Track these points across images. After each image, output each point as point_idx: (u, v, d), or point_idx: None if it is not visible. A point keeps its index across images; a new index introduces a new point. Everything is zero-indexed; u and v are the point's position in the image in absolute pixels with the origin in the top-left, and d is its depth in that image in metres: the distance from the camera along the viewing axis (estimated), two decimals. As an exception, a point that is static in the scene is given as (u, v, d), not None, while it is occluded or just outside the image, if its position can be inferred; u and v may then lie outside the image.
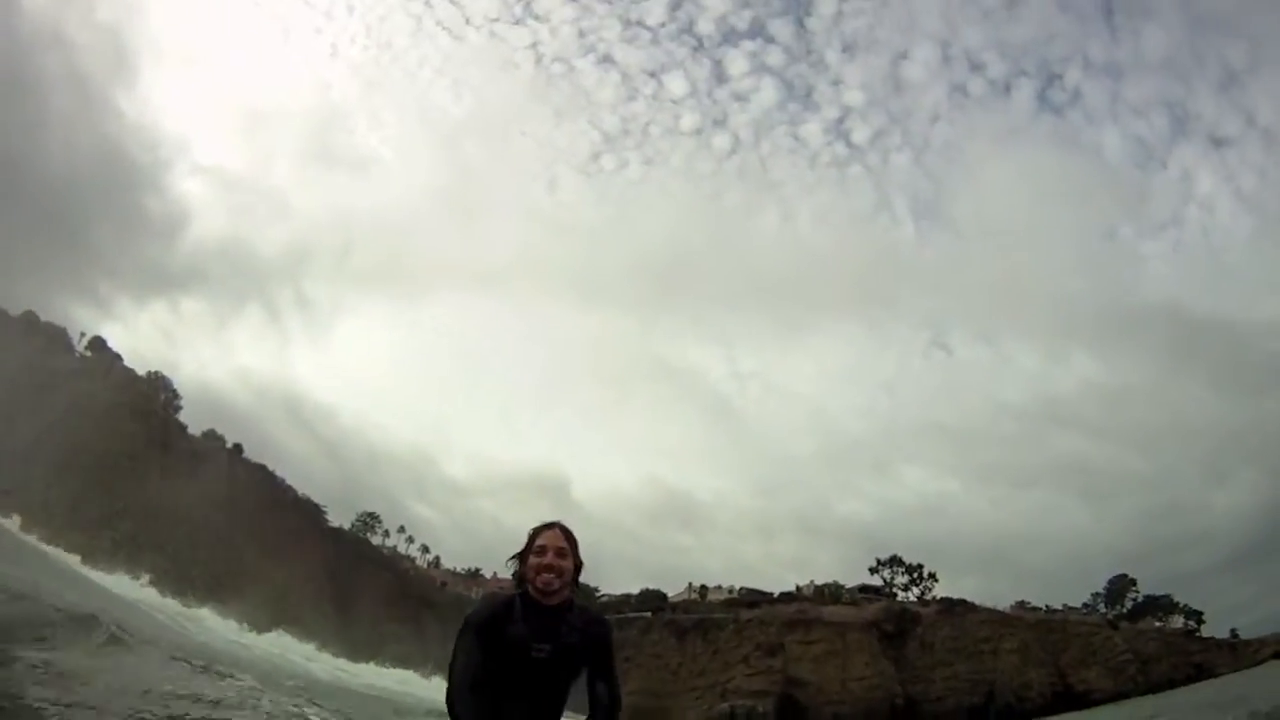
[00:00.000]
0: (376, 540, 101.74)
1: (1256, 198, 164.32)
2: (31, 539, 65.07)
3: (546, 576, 4.71)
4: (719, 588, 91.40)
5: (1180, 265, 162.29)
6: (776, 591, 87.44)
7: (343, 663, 70.80)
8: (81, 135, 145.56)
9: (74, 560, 64.80)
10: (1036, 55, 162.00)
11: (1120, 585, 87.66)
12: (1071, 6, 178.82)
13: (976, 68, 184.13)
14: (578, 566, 4.90)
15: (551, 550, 4.78)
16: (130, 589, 61.85)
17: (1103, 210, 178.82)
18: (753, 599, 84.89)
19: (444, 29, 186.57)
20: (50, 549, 64.42)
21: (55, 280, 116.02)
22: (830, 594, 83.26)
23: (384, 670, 74.92)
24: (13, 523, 66.98)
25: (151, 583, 69.80)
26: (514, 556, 4.92)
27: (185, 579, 74.29)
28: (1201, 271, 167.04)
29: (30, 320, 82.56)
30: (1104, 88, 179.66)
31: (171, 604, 65.29)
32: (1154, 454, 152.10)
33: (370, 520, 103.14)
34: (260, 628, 72.29)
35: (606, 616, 5.15)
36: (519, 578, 4.86)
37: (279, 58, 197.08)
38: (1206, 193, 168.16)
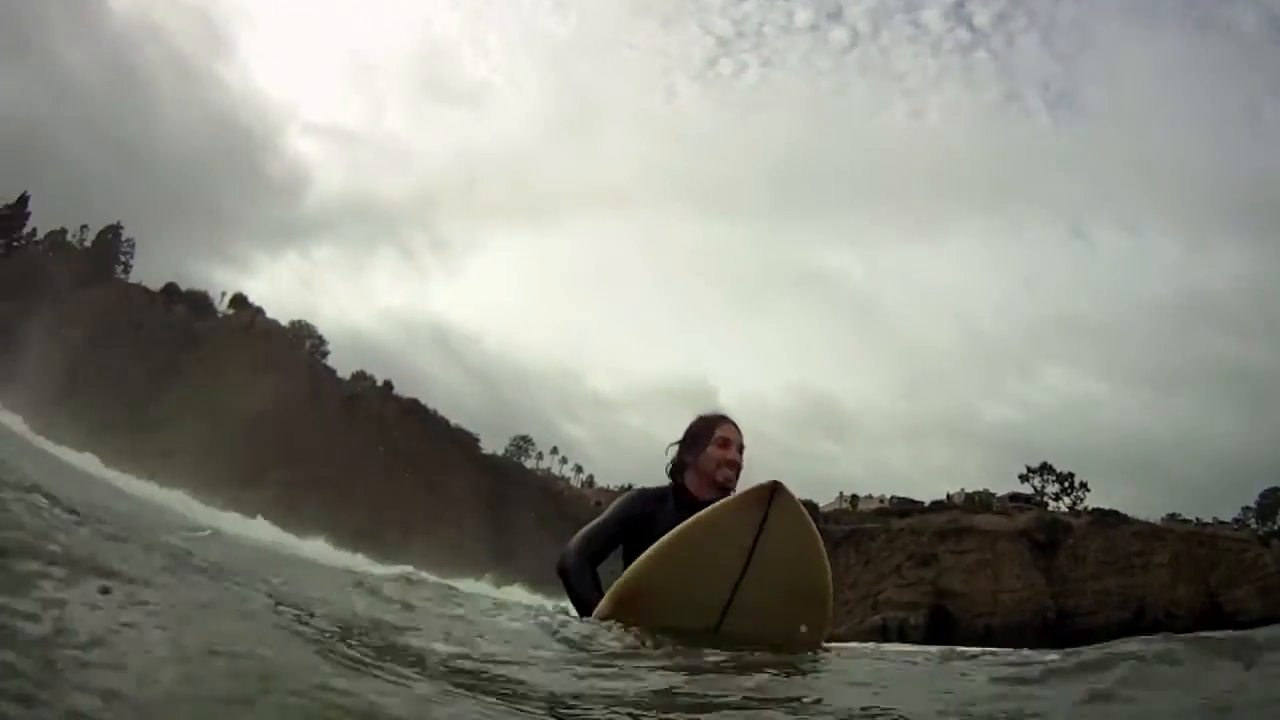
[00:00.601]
0: (530, 464, 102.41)
1: None
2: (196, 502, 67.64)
3: (728, 472, 4.66)
4: (869, 497, 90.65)
5: None
6: (927, 500, 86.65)
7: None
8: (193, 114, 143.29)
9: (235, 518, 66.86)
10: None
11: (1273, 499, 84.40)
12: None
13: None
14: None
15: (734, 444, 4.75)
16: (298, 546, 64.08)
17: (1244, 88, 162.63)
18: (904, 508, 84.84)
19: None
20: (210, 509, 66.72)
21: (192, 250, 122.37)
22: (981, 502, 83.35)
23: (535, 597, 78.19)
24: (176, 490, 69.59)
25: (326, 539, 72.93)
26: (678, 443, 4.83)
27: (349, 526, 76.16)
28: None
29: (172, 291, 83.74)
30: None
31: (343, 555, 68.15)
32: None
33: (523, 444, 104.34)
34: (430, 566, 75.37)
35: None
36: (678, 468, 4.76)
37: (373, 6, 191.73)
38: None
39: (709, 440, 4.62)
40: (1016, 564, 75.04)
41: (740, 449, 4.68)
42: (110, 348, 72.52)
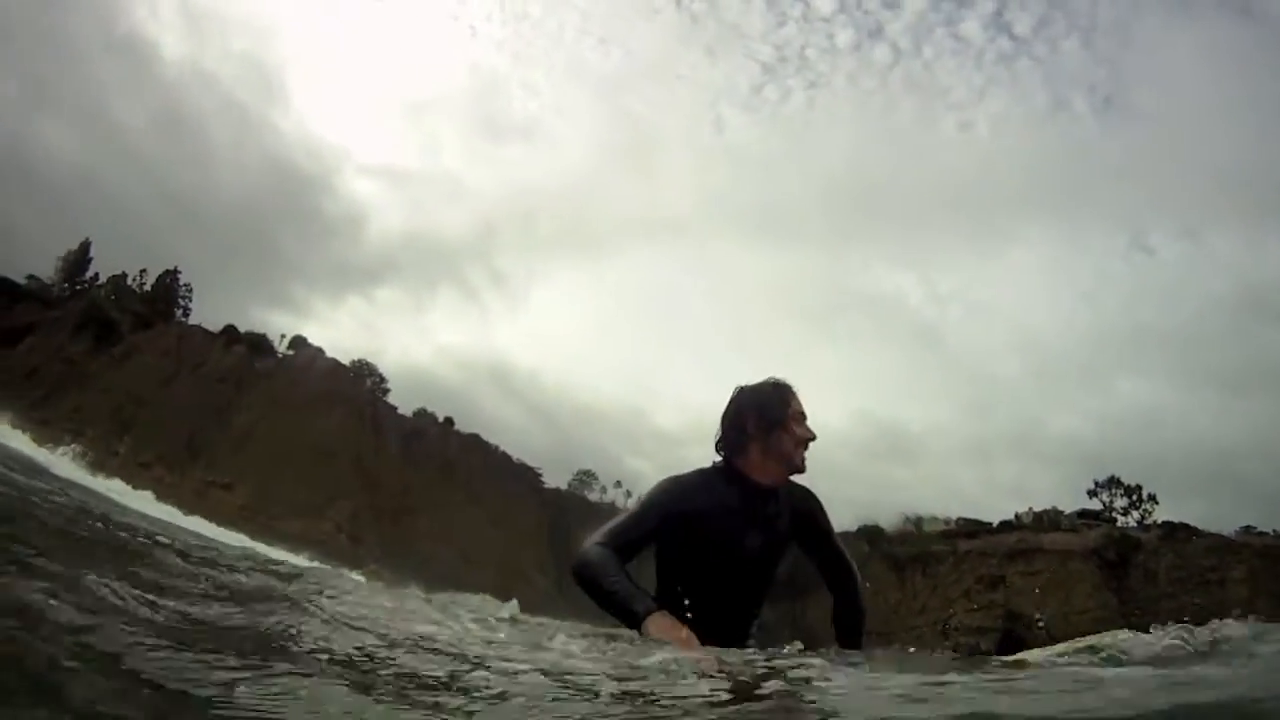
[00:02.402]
0: (594, 497, 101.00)
1: None
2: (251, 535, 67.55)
3: (803, 456, 3.95)
4: (935, 519, 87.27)
5: None
6: (995, 521, 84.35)
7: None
8: (248, 159, 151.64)
9: (300, 558, 66.18)
10: None
11: None
12: None
13: None
14: None
15: (807, 420, 4.01)
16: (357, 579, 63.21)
17: None
18: (971, 529, 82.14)
19: None
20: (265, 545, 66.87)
21: (251, 294, 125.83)
22: (1050, 521, 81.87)
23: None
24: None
25: (373, 573, 72.08)
26: (735, 417, 4.00)
27: (409, 559, 74.92)
28: None
29: (231, 332, 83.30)
30: None
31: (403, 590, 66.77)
32: None
33: (586, 478, 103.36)
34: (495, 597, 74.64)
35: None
36: (736, 446, 3.94)
37: (420, 50, 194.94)
38: None
39: (786, 413, 3.93)
40: (1088, 583, 73.66)
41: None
42: (171, 386, 72.39)
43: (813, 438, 3.92)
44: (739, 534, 3.76)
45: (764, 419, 3.90)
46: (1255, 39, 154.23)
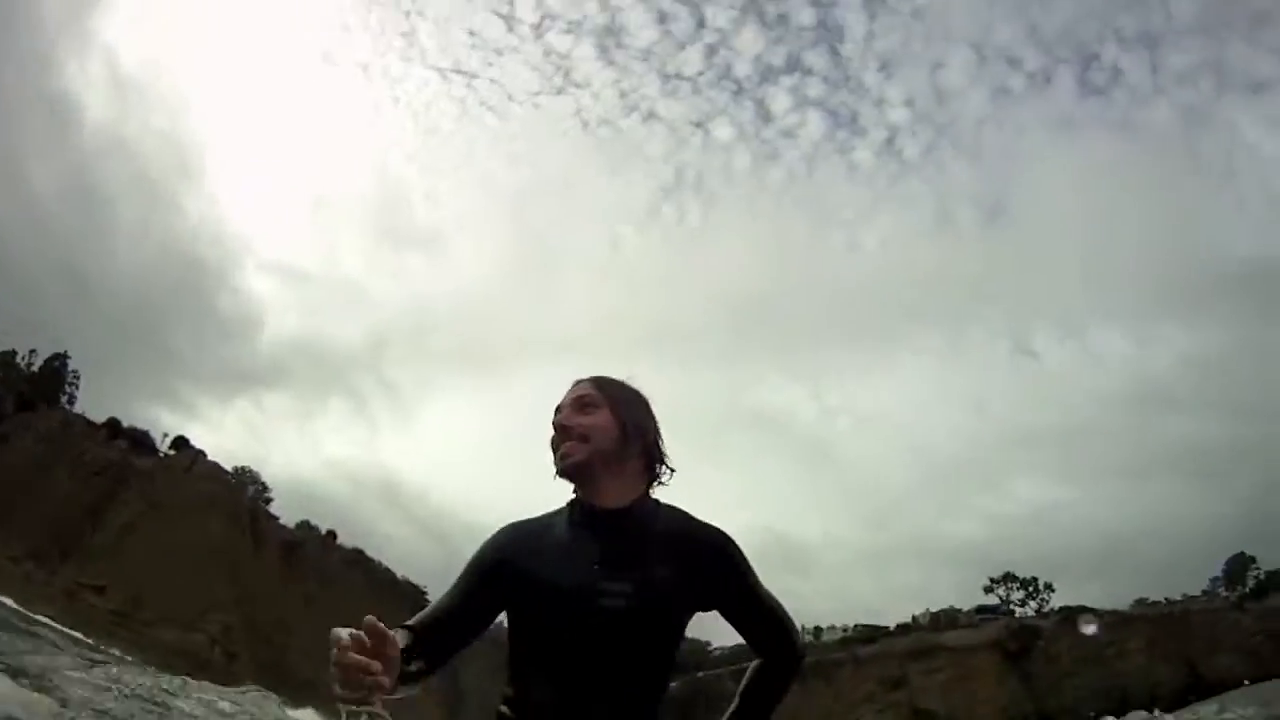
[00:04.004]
0: None
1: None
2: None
3: (564, 447, 2.63)
4: (832, 628, 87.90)
5: (1248, 219, 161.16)
6: (892, 624, 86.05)
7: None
8: (153, 239, 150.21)
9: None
10: (1071, 39, 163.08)
11: (1238, 565, 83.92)
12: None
13: (1014, 63, 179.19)
14: (635, 426, 2.71)
15: (566, 406, 2.73)
16: (228, 696, 58.80)
17: (1164, 181, 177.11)
18: (869, 634, 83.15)
19: (488, 108, 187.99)
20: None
21: (138, 386, 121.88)
22: (947, 619, 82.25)
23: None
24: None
25: (252, 688, 67.78)
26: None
27: (285, 675, 71.02)
28: (1272, 220, 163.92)
29: (114, 425, 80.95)
30: (1142, 59, 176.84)
31: (273, 709, 62.72)
32: (1259, 420, 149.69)
33: None
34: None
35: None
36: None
37: (333, 151, 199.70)
38: (1253, 141, 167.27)
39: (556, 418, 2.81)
40: (991, 674, 74.06)
41: (583, 404, 2.70)
42: (48, 474, 70.73)
43: (560, 428, 2.67)
44: (588, 584, 2.45)
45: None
46: (1132, 150, 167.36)
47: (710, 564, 2.66)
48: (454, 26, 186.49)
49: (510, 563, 2.52)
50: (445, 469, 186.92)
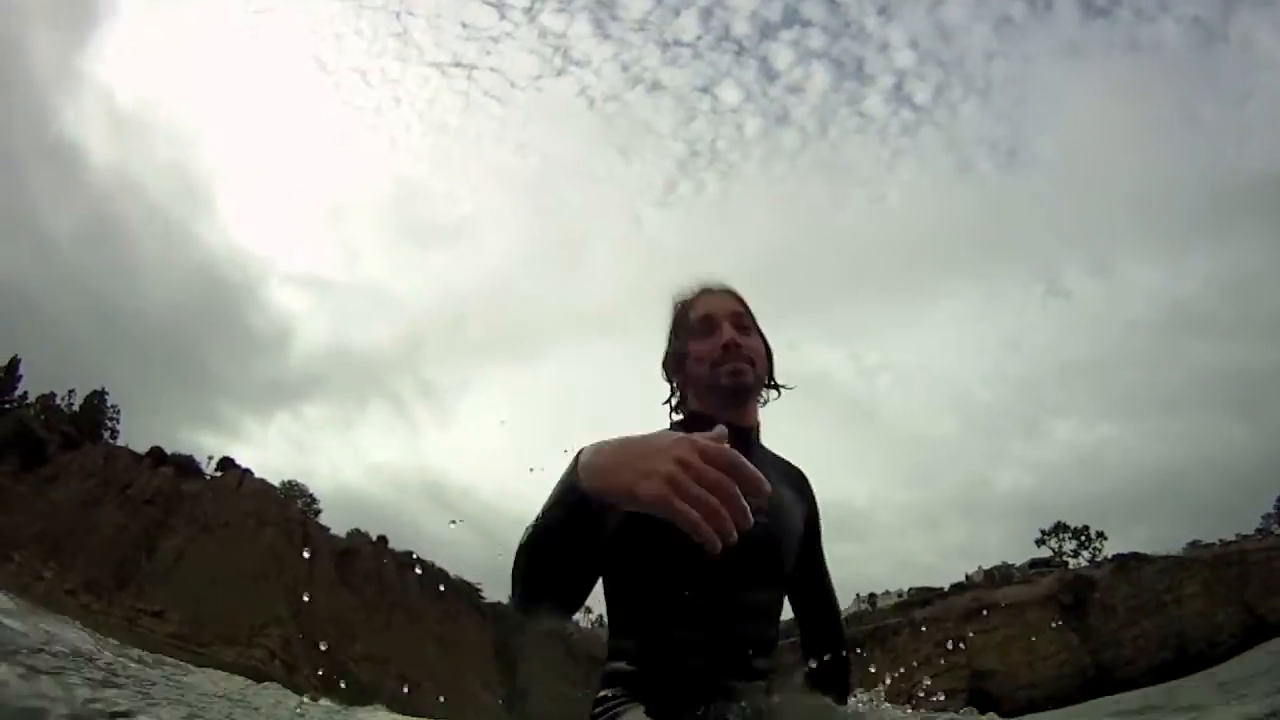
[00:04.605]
0: None
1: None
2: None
3: (736, 365, 2.56)
4: (887, 593, 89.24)
5: (1270, 133, 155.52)
6: (947, 585, 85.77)
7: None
8: (175, 270, 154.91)
9: (237, 681, 63.06)
10: None
11: None
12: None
13: None
14: (768, 351, 2.76)
15: (725, 319, 2.64)
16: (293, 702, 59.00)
17: (1179, 101, 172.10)
18: (923, 597, 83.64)
19: (492, 97, 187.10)
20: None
21: (179, 414, 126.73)
22: (1001, 576, 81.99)
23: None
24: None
25: (314, 696, 68.18)
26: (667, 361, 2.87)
27: (347, 683, 71.97)
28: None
29: (157, 454, 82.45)
30: None
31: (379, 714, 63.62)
32: None
33: None
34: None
35: None
36: (678, 395, 2.79)
37: (341, 160, 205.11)
38: (1271, 54, 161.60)
39: (686, 332, 2.72)
40: (1048, 629, 73.11)
41: (742, 323, 2.68)
42: (98, 508, 71.94)
43: (731, 341, 2.58)
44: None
45: (672, 355, 2.83)
46: (1143, 70, 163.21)
47: (808, 500, 2.82)
48: (446, 20, 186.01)
49: None
50: (489, 461, 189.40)
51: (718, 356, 2.56)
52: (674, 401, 2.82)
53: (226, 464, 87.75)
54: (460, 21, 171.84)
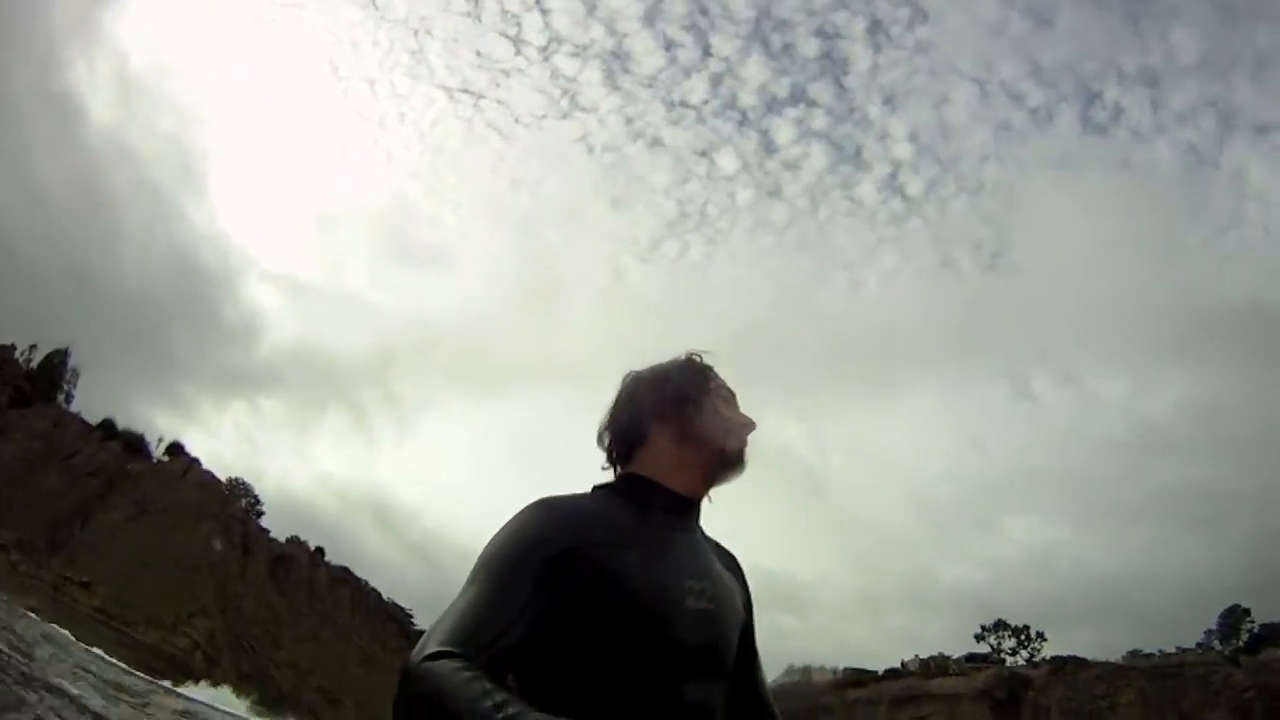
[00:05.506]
0: None
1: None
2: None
3: (747, 439, 2.29)
4: (823, 669, 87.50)
5: (1249, 261, 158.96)
6: (882, 669, 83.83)
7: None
8: (156, 244, 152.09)
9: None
10: (1072, 76, 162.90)
11: (1234, 617, 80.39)
12: (1099, 19, 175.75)
13: (1016, 99, 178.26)
14: None
15: (734, 399, 2.38)
16: (212, 697, 56.48)
17: (1164, 223, 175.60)
18: (858, 678, 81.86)
19: (494, 129, 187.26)
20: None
21: (137, 386, 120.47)
22: (937, 666, 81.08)
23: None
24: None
25: (235, 693, 67.51)
26: (625, 410, 2.31)
27: (266, 685, 71.22)
28: (1273, 263, 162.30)
29: (108, 426, 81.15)
30: (1144, 97, 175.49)
31: None
32: (1257, 469, 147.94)
33: None
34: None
35: None
36: (631, 443, 2.25)
37: (337, 165, 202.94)
38: (1260, 186, 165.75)
39: (706, 386, 2.28)
40: None
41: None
42: (39, 470, 70.57)
43: (752, 424, 2.30)
44: (668, 581, 1.94)
45: (678, 394, 2.25)
46: (1133, 190, 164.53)
47: (743, 584, 2.34)
48: (462, 47, 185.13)
49: (579, 551, 1.89)
50: (439, 490, 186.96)
51: (743, 420, 2.28)
52: (619, 446, 2.28)
53: (175, 449, 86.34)
54: (475, 50, 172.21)
